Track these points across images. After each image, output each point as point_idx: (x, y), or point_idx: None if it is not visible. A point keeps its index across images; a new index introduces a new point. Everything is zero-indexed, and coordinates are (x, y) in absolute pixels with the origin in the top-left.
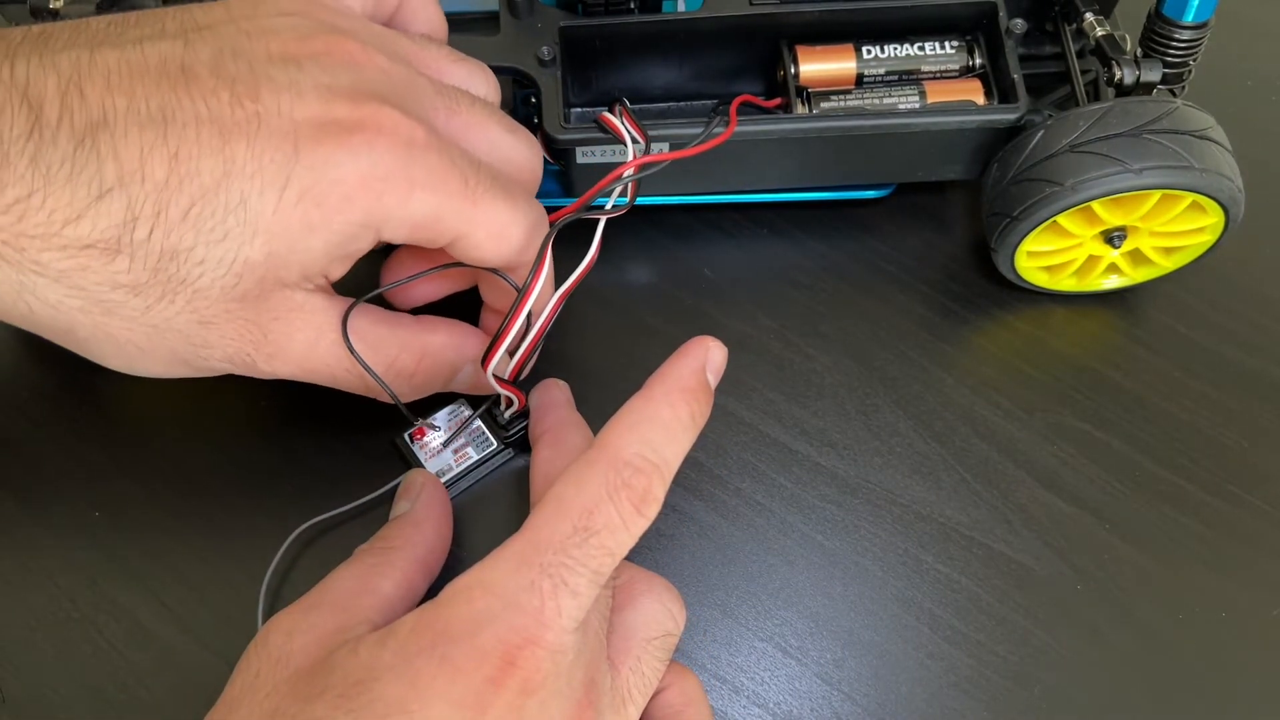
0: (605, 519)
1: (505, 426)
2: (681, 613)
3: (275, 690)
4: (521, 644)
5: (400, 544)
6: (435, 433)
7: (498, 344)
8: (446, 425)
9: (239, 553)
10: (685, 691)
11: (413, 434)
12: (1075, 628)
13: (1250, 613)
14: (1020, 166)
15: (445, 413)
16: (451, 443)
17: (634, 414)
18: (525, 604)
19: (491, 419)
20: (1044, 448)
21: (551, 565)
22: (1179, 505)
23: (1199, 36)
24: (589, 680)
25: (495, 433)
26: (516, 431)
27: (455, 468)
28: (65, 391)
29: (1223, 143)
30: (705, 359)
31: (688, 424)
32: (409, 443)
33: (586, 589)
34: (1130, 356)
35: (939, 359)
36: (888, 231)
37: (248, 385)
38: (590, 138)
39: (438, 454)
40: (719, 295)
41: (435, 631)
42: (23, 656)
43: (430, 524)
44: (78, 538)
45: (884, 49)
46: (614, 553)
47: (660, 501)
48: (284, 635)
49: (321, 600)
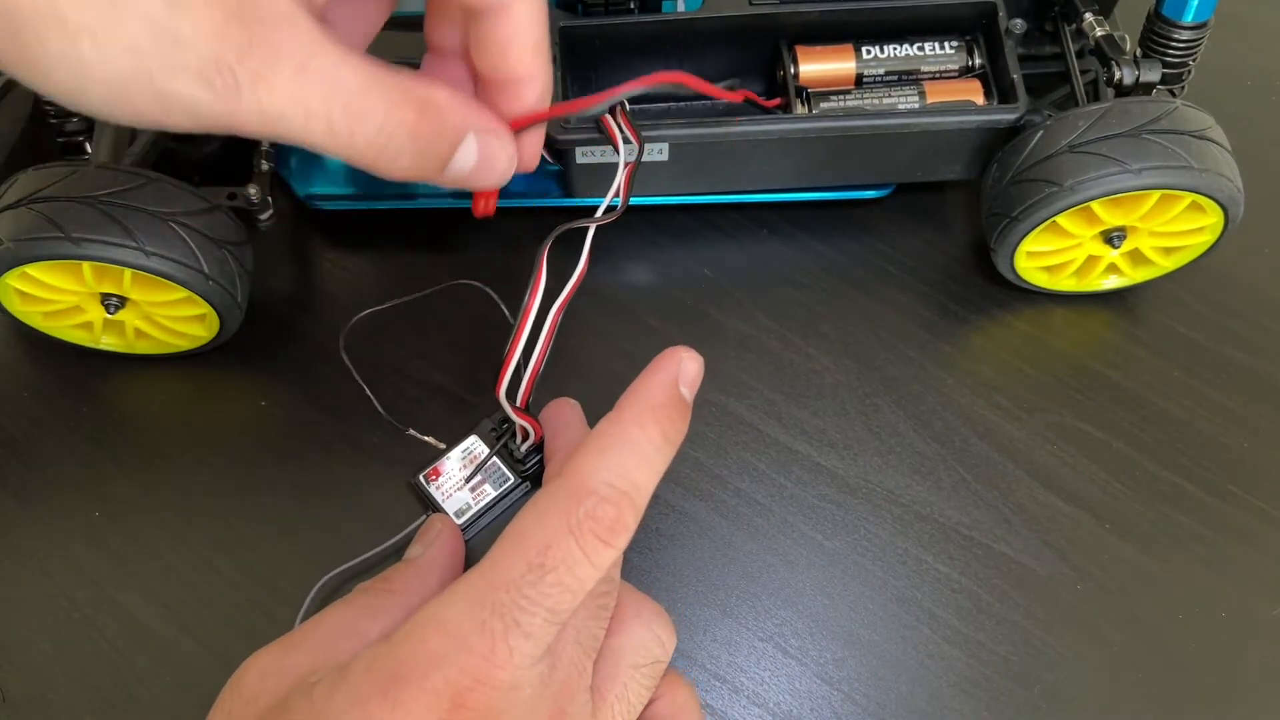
0: (563, 554)
1: (522, 460)
2: (671, 639)
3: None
4: (471, 685)
5: (401, 589)
6: (450, 472)
7: (507, 360)
8: (461, 463)
9: (240, 553)
10: (676, 701)
11: (428, 474)
12: (1075, 628)
13: (1250, 613)
14: (1020, 167)
15: (459, 451)
16: (470, 480)
17: (603, 438)
18: (475, 645)
19: (508, 454)
20: (1044, 447)
21: (504, 605)
22: (1179, 505)
23: (1198, 37)
24: (557, 711)
25: (512, 467)
26: (533, 464)
27: (474, 505)
28: (65, 391)
29: (1222, 143)
30: (677, 372)
31: (660, 444)
32: (424, 484)
33: (541, 629)
34: (1130, 356)
35: (939, 359)
36: (888, 231)
37: (248, 385)
38: (590, 138)
39: (454, 494)
40: (719, 295)
41: (388, 673)
42: (23, 656)
43: (436, 573)
44: (78, 538)
45: (883, 49)
46: (574, 590)
47: (631, 530)
48: (257, 676)
49: (304, 640)
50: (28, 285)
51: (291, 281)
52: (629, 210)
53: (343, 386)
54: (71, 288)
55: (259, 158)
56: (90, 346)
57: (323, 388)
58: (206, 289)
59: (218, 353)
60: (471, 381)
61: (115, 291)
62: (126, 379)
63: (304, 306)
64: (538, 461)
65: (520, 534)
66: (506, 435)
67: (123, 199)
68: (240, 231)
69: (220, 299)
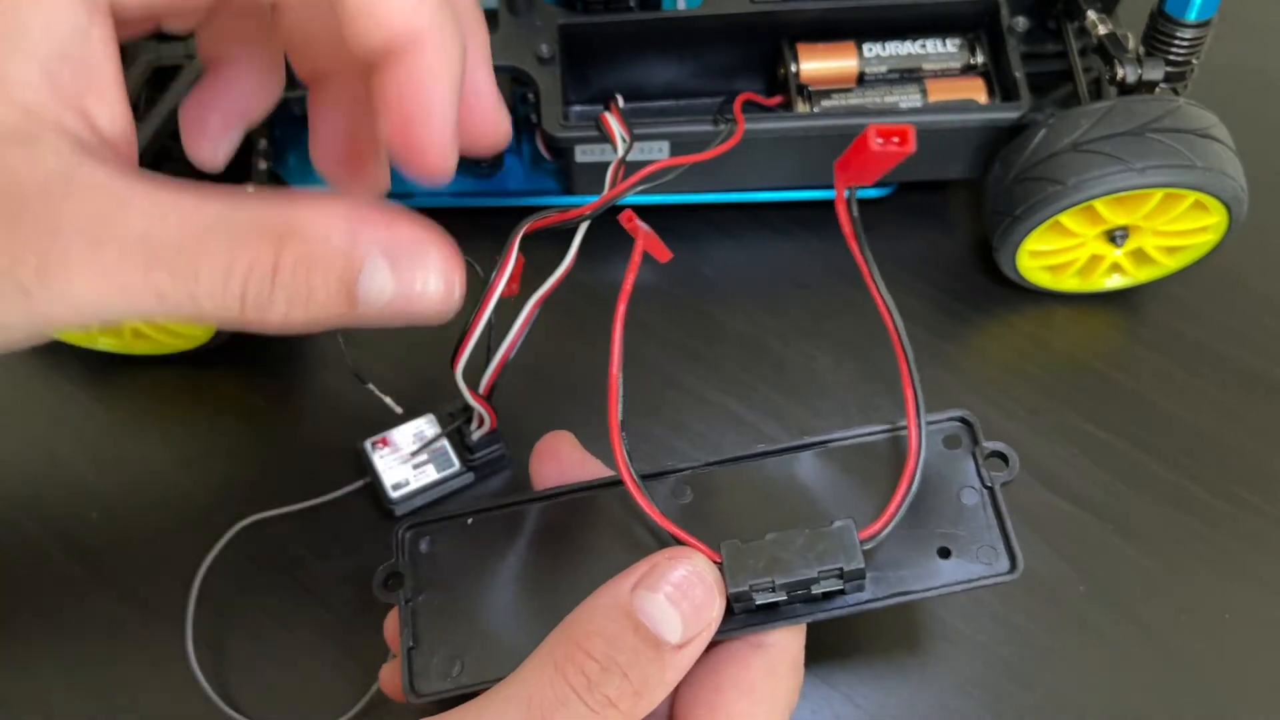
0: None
1: (471, 449)
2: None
3: None
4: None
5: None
6: (400, 445)
7: (466, 338)
8: (413, 439)
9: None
10: None
11: (376, 441)
12: (1077, 628)
13: (1253, 613)
14: (1022, 165)
15: (413, 425)
16: (415, 457)
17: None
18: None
19: (459, 439)
20: (1047, 448)
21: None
22: (1182, 506)
23: (1202, 35)
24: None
25: (460, 454)
26: (483, 455)
27: (412, 483)
28: (65, 392)
29: (1226, 141)
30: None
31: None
32: (369, 451)
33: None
34: (1133, 356)
35: (941, 359)
36: (889, 231)
37: (247, 385)
38: (589, 136)
39: (397, 466)
40: (719, 295)
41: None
42: (23, 657)
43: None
44: (77, 538)
45: (885, 47)
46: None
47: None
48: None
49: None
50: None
51: None
52: (616, 210)
53: (343, 386)
54: None
55: (257, 157)
56: (87, 347)
57: (323, 387)
58: None
59: (216, 353)
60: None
61: None
62: (125, 379)
63: None
64: (489, 453)
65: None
66: (461, 420)
67: None
68: None
69: None
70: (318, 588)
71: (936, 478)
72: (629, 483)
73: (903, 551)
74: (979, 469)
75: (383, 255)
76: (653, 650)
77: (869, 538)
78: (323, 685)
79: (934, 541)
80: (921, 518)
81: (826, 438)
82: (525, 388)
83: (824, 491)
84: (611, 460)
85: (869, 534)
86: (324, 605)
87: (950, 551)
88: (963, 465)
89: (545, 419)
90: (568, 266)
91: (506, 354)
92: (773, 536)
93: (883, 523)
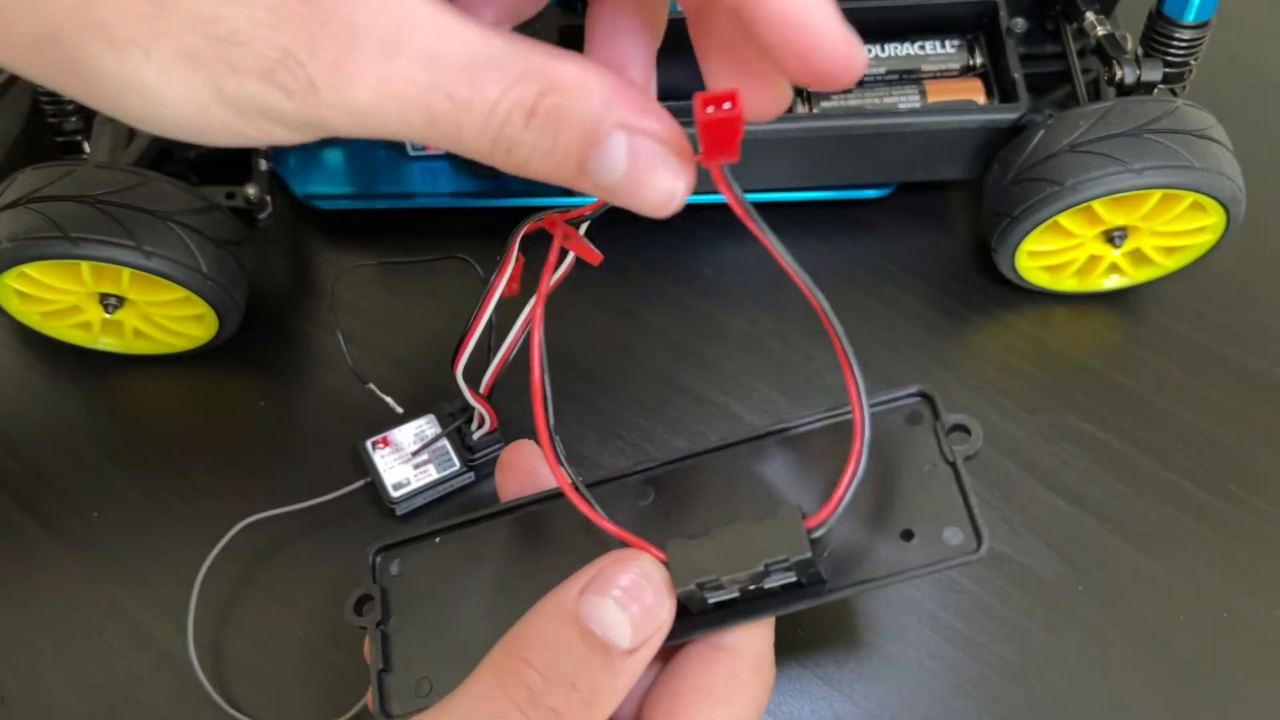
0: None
1: (471, 449)
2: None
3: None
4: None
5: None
6: (401, 444)
7: (466, 339)
8: (414, 439)
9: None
10: None
11: (376, 441)
12: (1076, 628)
13: (1252, 613)
14: (1021, 166)
15: (414, 425)
16: (416, 457)
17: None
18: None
19: (460, 438)
20: (1045, 448)
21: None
22: (1180, 505)
23: (1200, 36)
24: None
25: (460, 453)
26: (483, 455)
27: (413, 482)
28: (65, 391)
29: (1224, 142)
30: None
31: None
32: (369, 450)
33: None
34: (1132, 356)
35: (940, 359)
36: (888, 231)
37: (247, 385)
38: None
39: (397, 466)
40: (719, 295)
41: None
42: (23, 656)
43: None
44: (78, 538)
45: (884, 48)
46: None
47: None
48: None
49: None
50: (26, 285)
51: (290, 280)
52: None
53: (343, 386)
54: (70, 288)
55: (257, 156)
56: (89, 347)
57: (323, 387)
58: (205, 288)
59: (216, 353)
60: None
61: (114, 291)
62: (125, 379)
63: (303, 306)
64: (489, 453)
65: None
66: (462, 419)
67: (121, 198)
68: (239, 231)
69: (219, 298)
70: (318, 588)
71: (898, 457)
72: (566, 488)
73: (863, 538)
74: (940, 444)
75: (626, 135)
76: (602, 657)
77: (816, 525)
78: (323, 685)
79: (896, 524)
80: (882, 500)
81: (785, 425)
82: (525, 388)
83: (786, 481)
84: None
85: (816, 522)
86: (324, 605)
87: (913, 533)
88: (925, 442)
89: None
90: (568, 266)
91: (506, 354)
92: (717, 531)
93: (829, 510)
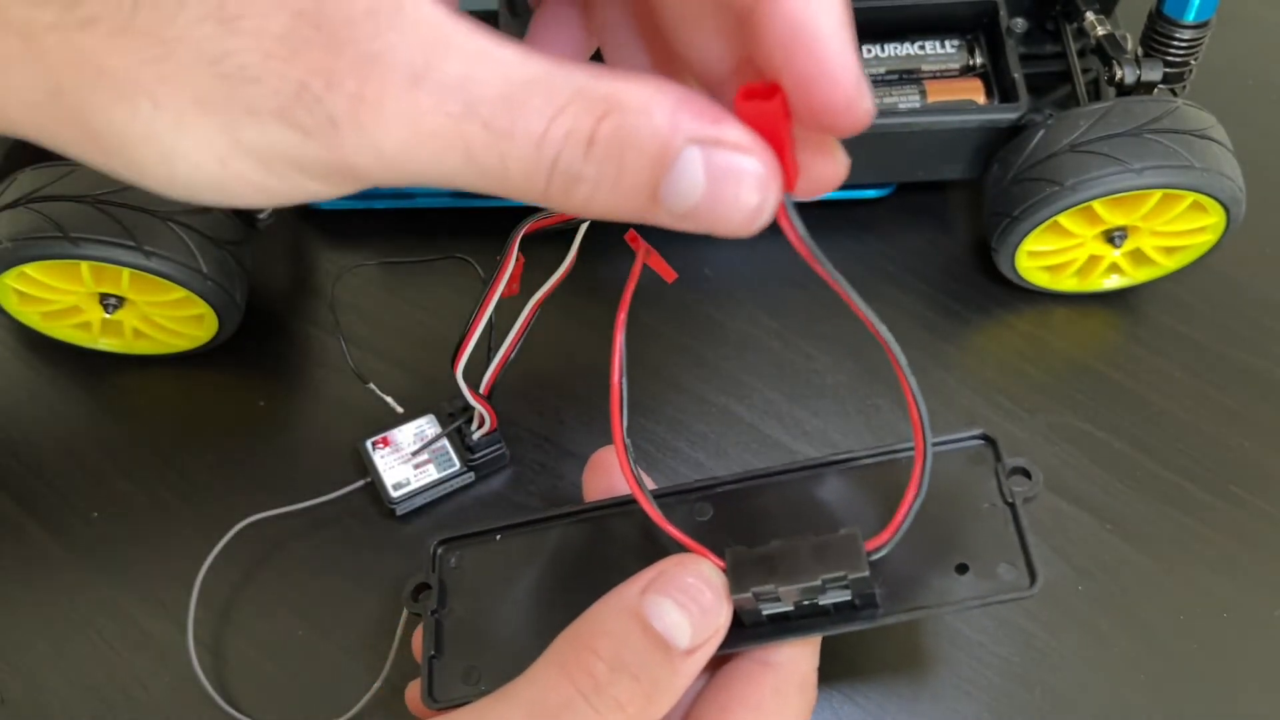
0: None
1: (472, 449)
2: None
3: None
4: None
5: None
6: (400, 444)
7: (466, 339)
8: (414, 438)
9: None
10: None
11: (376, 441)
12: (1077, 629)
13: (1252, 613)
14: (1021, 166)
15: (414, 425)
16: (416, 457)
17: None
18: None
19: (460, 438)
20: (1045, 448)
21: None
22: (1180, 505)
23: (1200, 36)
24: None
25: (460, 453)
26: (483, 455)
27: (413, 482)
28: (65, 391)
29: (1224, 142)
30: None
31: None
32: (370, 450)
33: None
34: (1131, 356)
35: (940, 359)
36: (888, 231)
37: (247, 385)
38: None
39: (397, 466)
40: (719, 295)
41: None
42: (22, 656)
43: None
44: (77, 538)
45: (884, 48)
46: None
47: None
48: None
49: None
50: (26, 285)
51: (290, 280)
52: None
53: (343, 386)
54: (70, 288)
55: None
56: (89, 347)
57: (323, 387)
58: (205, 289)
59: (216, 353)
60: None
61: (114, 291)
62: (125, 379)
63: (303, 306)
64: (490, 453)
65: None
66: (462, 419)
67: (121, 198)
68: (239, 231)
69: (219, 298)
70: (318, 587)
71: (957, 494)
72: (634, 489)
73: (919, 568)
74: (1001, 485)
75: (700, 149)
76: (663, 653)
77: (876, 548)
78: (323, 685)
79: (952, 558)
80: (940, 534)
81: (846, 455)
82: (525, 388)
83: (843, 508)
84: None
85: (876, 544)
86: (324, 605)
87: (968, 567)
88: (985, 482)
89: (545, 419)
90: (568, 267)
91: (506, 354)
92: (778, 543)
93: (889, 532)
